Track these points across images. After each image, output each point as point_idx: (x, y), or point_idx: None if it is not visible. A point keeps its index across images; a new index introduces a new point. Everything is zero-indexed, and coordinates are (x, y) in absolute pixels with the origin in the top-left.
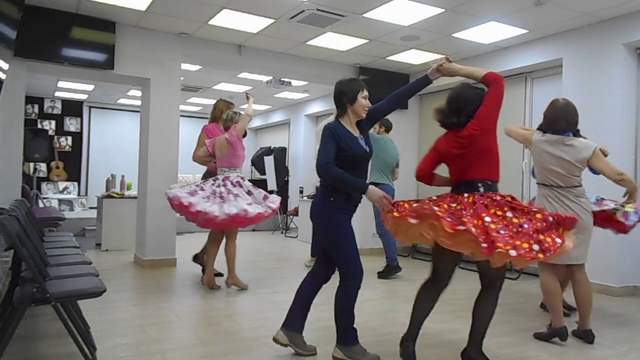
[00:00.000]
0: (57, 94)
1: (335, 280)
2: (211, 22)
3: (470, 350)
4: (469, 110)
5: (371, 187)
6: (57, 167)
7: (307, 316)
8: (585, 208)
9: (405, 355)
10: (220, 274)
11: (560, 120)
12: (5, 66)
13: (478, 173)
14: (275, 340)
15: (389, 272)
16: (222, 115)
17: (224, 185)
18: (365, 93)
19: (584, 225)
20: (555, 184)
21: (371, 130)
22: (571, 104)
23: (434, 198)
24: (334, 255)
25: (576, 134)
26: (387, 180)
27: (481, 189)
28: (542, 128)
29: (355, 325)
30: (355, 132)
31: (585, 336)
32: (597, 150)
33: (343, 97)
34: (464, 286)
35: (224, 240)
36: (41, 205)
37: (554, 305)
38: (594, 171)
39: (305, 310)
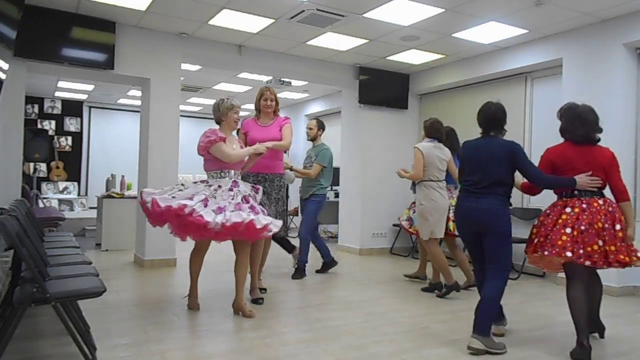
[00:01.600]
0: (57, 94)
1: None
2: (211, 22)
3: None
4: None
5: (577, 176)
6: (57, 167)
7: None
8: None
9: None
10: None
11: (442, 130)
12: (5, 66)
13: None
14: (469, 347)
15: (327, 267)
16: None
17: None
18: None
19: (443, 207)
20: (437, 179)
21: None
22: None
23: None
24: (502, 252)
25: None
26: None
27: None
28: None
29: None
30: None
31: (439, 288)
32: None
33: (505, 119)
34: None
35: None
36: (41, 205)
37: (444, 268)
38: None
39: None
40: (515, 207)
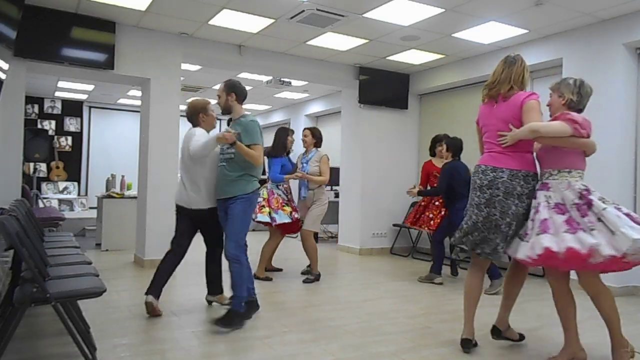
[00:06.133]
0: (57, 94)
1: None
2: (211, 22)
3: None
4: None
5: None
6: (57, 167)
7: None
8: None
9: None
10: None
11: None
12: (5, 66)
13: None
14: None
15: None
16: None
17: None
18: None
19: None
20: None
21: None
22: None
23: None
24: None
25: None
26: None
27: None
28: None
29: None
30: None
31: (315, 277)
32: None
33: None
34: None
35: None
36: (41, 205)
37: (314, 256)
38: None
39: None
40: None
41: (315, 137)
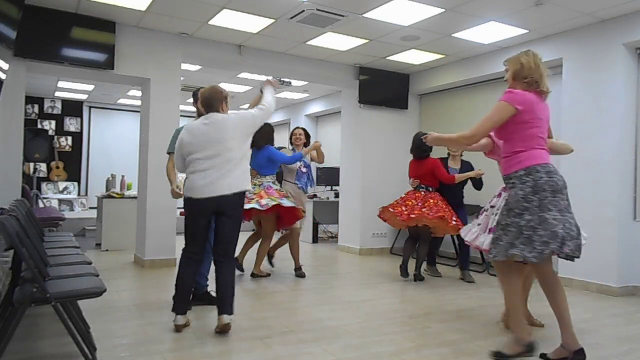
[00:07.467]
0: (57, 94)
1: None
2: (211, 22)
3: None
4: None
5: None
6: (57, 167)
7: None
8: None
9: None
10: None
11: None
12: (5, 66)
13: None
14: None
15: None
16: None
17: None
18: None
19: None
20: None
21: None
22: None
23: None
24: None
25: None
26: None
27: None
28: None
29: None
30: None
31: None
32: None
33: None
34: (464, 287)
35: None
36: (41, 205)
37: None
38: None
39: None
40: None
41: (306, 138)
